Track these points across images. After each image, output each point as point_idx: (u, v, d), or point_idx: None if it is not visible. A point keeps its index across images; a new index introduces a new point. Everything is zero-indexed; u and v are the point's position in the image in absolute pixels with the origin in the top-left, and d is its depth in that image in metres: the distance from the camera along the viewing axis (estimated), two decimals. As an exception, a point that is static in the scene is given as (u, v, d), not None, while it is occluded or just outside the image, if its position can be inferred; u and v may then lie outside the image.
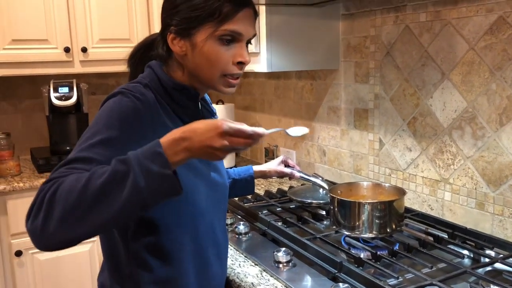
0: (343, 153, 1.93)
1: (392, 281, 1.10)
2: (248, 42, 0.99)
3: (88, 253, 2.32)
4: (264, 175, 1.51)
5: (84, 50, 2.46)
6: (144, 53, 1.07)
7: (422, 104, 1.56)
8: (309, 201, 1.63)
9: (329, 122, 1.98)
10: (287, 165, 1.57)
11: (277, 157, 2.27)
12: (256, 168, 1.50)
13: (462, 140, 1.44)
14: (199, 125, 0.78)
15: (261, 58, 1.75)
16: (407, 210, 1.53)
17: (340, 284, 1.06)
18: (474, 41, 1.37)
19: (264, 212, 1.61)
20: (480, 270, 1.15)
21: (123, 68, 2.97)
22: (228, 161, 2.40)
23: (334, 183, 1.70)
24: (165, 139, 0.78)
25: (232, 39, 0.94)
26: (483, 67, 1.35)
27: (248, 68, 1.86)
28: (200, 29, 0.93)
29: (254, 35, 0.99)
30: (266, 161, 2.25)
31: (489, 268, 1.17)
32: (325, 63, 1.89)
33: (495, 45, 1.31)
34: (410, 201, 1.63)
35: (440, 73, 1.48)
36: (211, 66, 0.94)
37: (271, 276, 1.18)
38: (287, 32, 1.77)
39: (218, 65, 0.94)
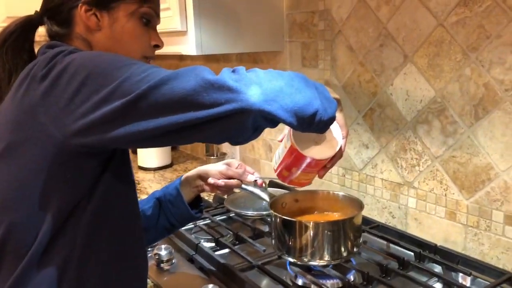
0: (291, 150, 1.65)
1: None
2: None
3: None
4: (199, 179, 1.07)
5: (-14, 30, 2.07)
6: (22, 37, 0.85)
7: (381, 93, 1.30)
8: (249, 213, 1.35)
9: (275, 113, 1.70)
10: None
11: (220, 154, 1.99)
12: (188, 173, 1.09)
13: (429, 136, 1.19)
14: None
15: (189, 38, 1.44)
16: (366, 221, 1.28)
17: None
18: (444, 16, 1.11)
19: (193, 228, 1.33)
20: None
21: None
22: (162, 158, 2.09)
23: (280, 187, 1.43)
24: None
25: (149, 21, 0.88)
26: (455, 48, 1.10)
27: (174, 50, 1.56)
28: (122, 2, 0.84)
29: None
30: (207, 160, 1.97)
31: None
32: (267, 44, 1.60)
33: (469, 20, 1.06)
34: (368, 207, 1.38)
35: (402, 55, 1.22)
36: (132, 45, 0.87)
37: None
38: (220, 6, 1.46)
39: (140, 45, 0.88)
